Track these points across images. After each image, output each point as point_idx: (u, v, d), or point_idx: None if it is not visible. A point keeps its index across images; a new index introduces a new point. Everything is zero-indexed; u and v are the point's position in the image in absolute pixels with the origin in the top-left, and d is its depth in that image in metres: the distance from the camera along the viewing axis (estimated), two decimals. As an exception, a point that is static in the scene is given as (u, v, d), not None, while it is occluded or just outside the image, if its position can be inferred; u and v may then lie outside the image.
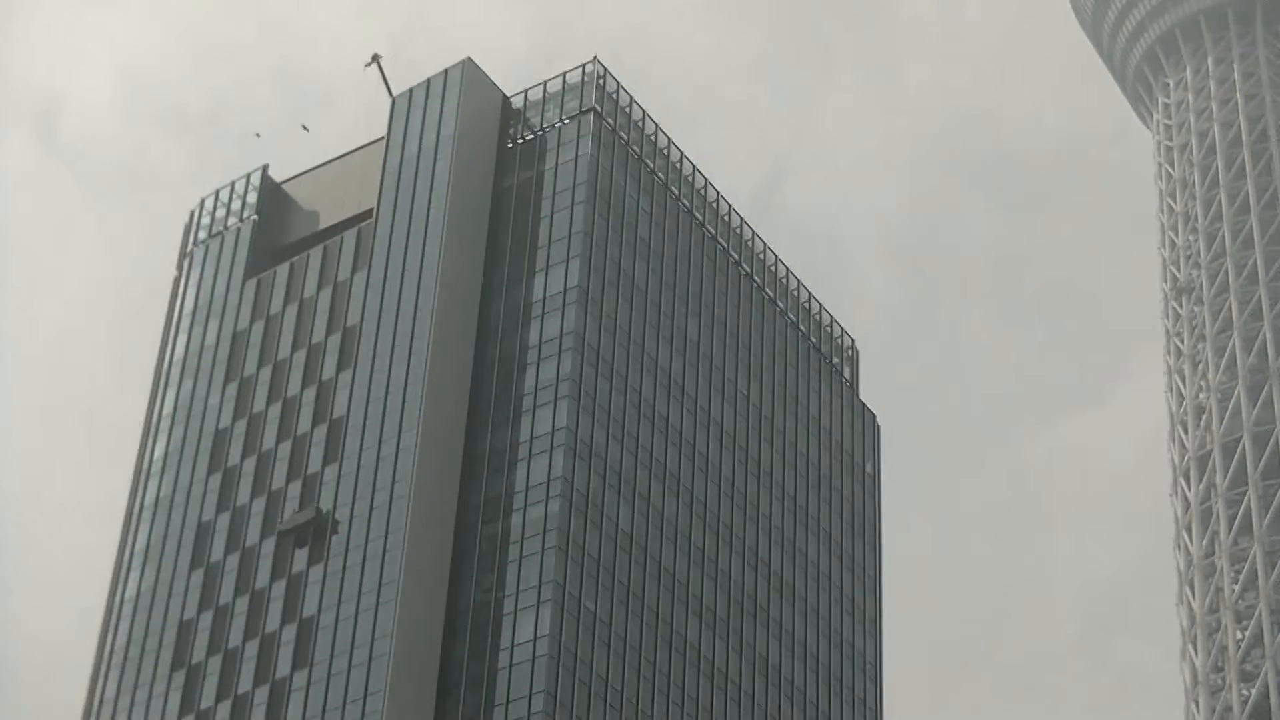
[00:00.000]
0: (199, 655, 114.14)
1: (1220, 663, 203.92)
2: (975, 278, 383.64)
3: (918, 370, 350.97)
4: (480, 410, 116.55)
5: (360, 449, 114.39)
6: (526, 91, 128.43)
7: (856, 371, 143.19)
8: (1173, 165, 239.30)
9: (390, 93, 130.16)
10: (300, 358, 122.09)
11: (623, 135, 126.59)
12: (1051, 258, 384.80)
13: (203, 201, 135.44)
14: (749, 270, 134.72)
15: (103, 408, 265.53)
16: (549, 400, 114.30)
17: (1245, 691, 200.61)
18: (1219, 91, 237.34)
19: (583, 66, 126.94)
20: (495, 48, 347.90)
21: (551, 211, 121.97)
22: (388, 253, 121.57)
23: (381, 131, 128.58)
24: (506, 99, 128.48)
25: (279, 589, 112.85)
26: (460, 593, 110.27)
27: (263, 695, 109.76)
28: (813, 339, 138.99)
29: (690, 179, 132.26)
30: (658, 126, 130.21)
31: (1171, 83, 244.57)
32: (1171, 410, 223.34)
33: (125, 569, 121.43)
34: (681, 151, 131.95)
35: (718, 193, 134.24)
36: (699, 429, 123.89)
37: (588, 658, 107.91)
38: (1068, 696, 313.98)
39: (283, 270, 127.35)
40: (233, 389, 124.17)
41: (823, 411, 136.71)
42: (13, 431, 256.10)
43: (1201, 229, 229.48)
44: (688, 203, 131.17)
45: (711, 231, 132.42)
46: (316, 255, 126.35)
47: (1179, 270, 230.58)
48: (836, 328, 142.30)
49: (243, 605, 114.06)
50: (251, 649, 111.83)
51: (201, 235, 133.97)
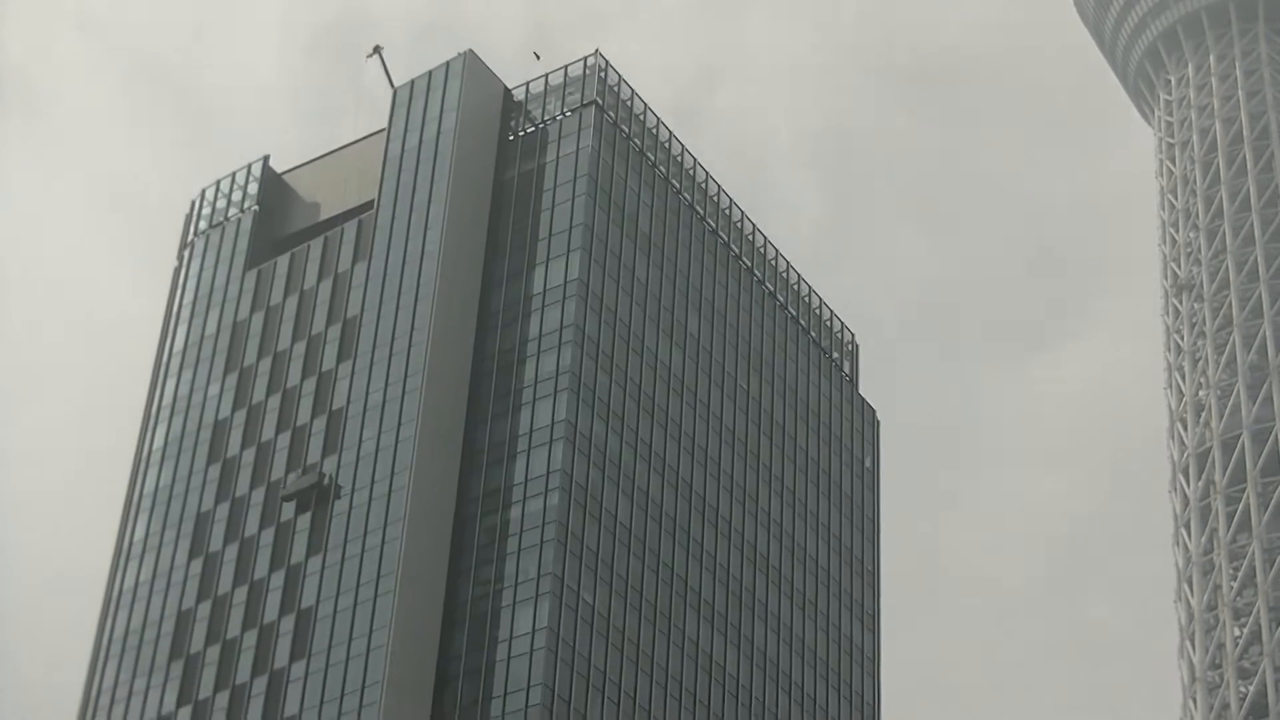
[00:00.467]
0: (197, 645, 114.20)
1: (1218, 660, 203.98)
2: (904, 188, 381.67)
3: (846, 285, 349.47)
4: (480, 402, 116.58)
5: (360, 440, 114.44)
6: (528, 84, 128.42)
7: (856, 366, 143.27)
8: (1174, 162, 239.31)
9: (391, 84, 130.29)
10: (300, 349, 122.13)
11: (624, 128, 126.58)
12: (983, 162, 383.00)
13: (203, 192, 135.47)
14: (749, 264, 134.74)
15: (102, 397, 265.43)
16: (549, 393, 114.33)
17: (1243, 689, 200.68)
18: (1221, 88, 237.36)
19: (584, 59, 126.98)
20: (497, 40, 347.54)
21: (552, 204, 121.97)
22: (388, 244, 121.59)
23: (382, 123, 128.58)
24: (508, 91, 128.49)
25: (278, 579, 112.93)
26: (459, 585, 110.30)
27: (261, 685, 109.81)
28: (812, 333, 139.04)
29: (691, 172, 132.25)
30: (659, 120, 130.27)
31: (1173, 79, 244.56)
32: (1171, 407, 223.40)
33: (124, 558, 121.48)
34: (683, 145, 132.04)
35: (719, 186, 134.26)
36: (698, 422, 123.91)
37: (586, 651, 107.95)
38: (1067, 696, 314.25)
39: (283, 261, 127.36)
40: (232, 379, 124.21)
41: (822, 406, 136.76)
42: (12, 421, 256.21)
43: (1202, 226, 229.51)
44: (688, 196, 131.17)
45: (712, 225, 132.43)
46: (317, 246, 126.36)
47: (1179, 267, 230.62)
48: (836, 322, 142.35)
49: (241, 595, 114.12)
50: (250, 639, 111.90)
51: (202, 226, 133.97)
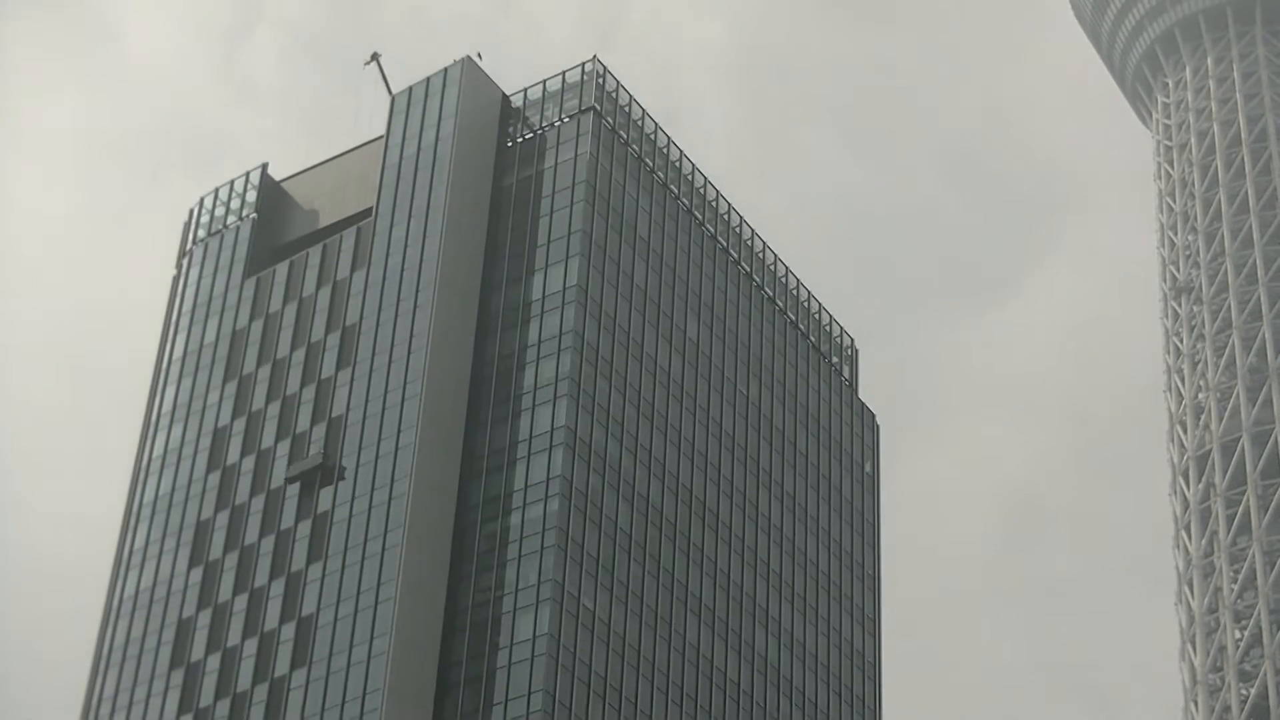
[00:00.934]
0: (198, 653, 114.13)
1: (1219, 662, 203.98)
2: (831, 102, 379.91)
3: (780, 198, 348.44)
4: (479, 409, 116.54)
5: (359, 447, 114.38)
6: (526, 90, 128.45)
7: (855, 371, 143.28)
8: (1172, 165, 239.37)
9: (390, 91, 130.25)
10: (299, 356, 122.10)
11: (622, 134, 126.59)
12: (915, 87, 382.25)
13: (202, 200, 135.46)
14: (748, 269, 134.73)
15: (102, 405, 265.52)
16: (548, 399, 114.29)
17: (1244, 691, 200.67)
18: (1218, 91, 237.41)
19: (582, 65, 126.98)
20: (495, 46, 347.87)
21: (551, 210, 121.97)
22: (387, 251, 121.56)
23: (381, 130, 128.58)
24: (506, 97, 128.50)
25: (278, 587, 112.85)
26: (459, 591, 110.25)
27: (262, 693, 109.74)
28: (812, 338, 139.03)
29: (689, 178, 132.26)
30: (657, 125, 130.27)
31: (1171, 82, 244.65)
32: (1170, 409, 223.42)
33: (124, 567, 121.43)
34: (681, 150, 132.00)
35: (717, 191, 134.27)
36: (698, 428, 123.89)
37: (586, 656, 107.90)
38: (1067, 696, 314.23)
39: (282, 268, 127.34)
40: (232, 387, 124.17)
41: (821, 410, 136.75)
42: (12, 429, 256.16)
43: (1201, 229, 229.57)
44: (687, 201, 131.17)
45: (711, 230, 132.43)
46: (316, 253, 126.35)
47: (1178, 270, 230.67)
48: (836, 327, 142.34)
49: (242, 603, 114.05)
50: (250, 647, 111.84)
51: (201, 233, 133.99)
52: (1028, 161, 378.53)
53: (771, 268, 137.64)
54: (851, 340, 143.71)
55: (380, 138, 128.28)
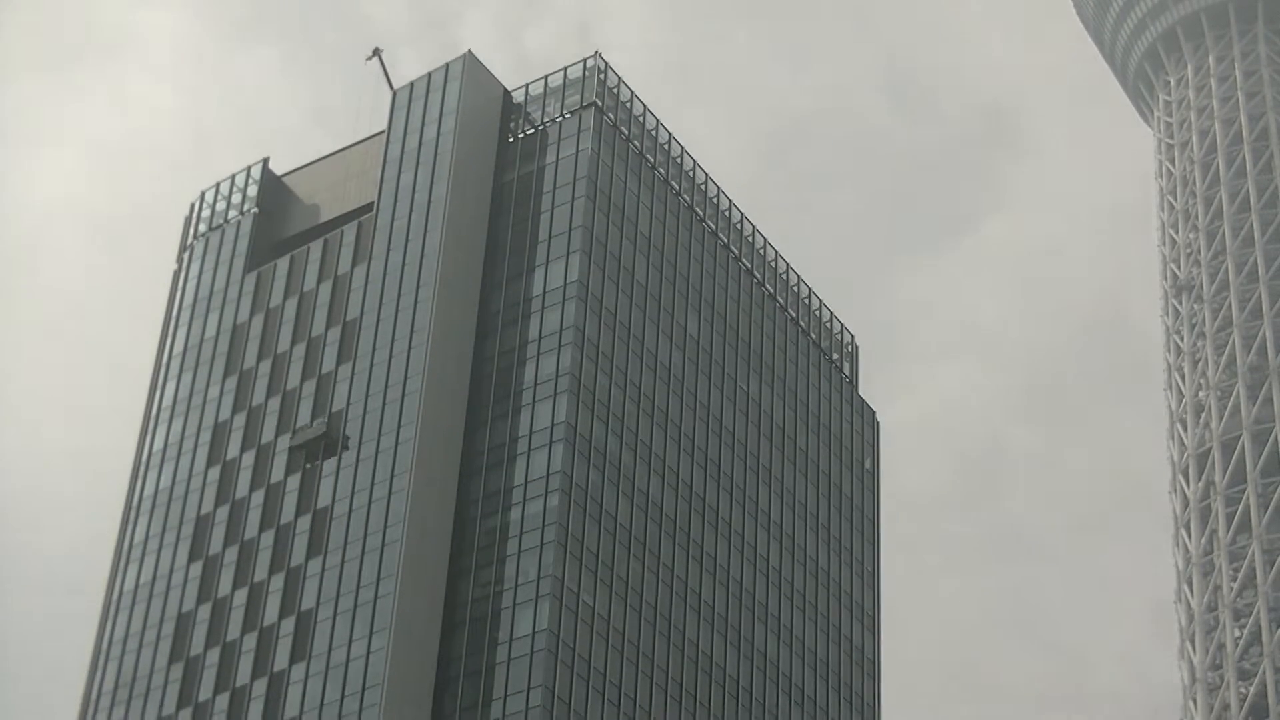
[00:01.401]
0: (197, 648, 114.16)
1: (1218, 660, 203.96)
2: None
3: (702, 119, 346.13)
4: (479, 404, 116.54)
5: (359, 442, 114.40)
6: (527, 86, 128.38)
7: (856, 368, 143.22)
8: (1173, 163, 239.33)
9: (391, 86, 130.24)
10: (300, 351, 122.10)
11: (623, 130, 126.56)
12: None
13: (203, 194, 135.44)
14: (749, 266, 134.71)
15: (102, 400, 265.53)
16: (548, 395, 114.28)
17: (1243, 689, 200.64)
18: (1220, 89, 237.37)
19: (583, 61, 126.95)
20: (496, 41, 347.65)
21: (551, 206, 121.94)
22: (388, 246, 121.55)
23: (382, 125, 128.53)
24: (507, 93, 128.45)
25: (277, 582, 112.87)
26: (459, 587, 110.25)
27: (261, 688, 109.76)
28: (812, 335, 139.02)
29: (690, 174, 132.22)
30: (658, 121, 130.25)
31: (1173, 80, 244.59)
32: (1171, 407, 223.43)
33: (124, 561, 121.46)
34: (682, 146, 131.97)
35: (718, 188, 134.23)
36: (698, 424, 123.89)
37: (586, 652, 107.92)
38: (1066, 694, 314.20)
39: (283, 263, 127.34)
40: (232, 382, 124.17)
41: (822, 407, 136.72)
42: (12, 424, 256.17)
43: (1202, 227, 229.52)
44: (688, 198, 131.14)
45: (712, 227, 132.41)
46: (316, 249, 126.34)
47: (1179, 268, 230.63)
48: (836, 324, 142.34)
49: (241, 598, 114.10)
50: (250, 641, 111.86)
51: (202, 228, 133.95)
52: (981, 99, 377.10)
53: (773, 264, 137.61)
54: (852, 337, 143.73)
55: (381, 133, 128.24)
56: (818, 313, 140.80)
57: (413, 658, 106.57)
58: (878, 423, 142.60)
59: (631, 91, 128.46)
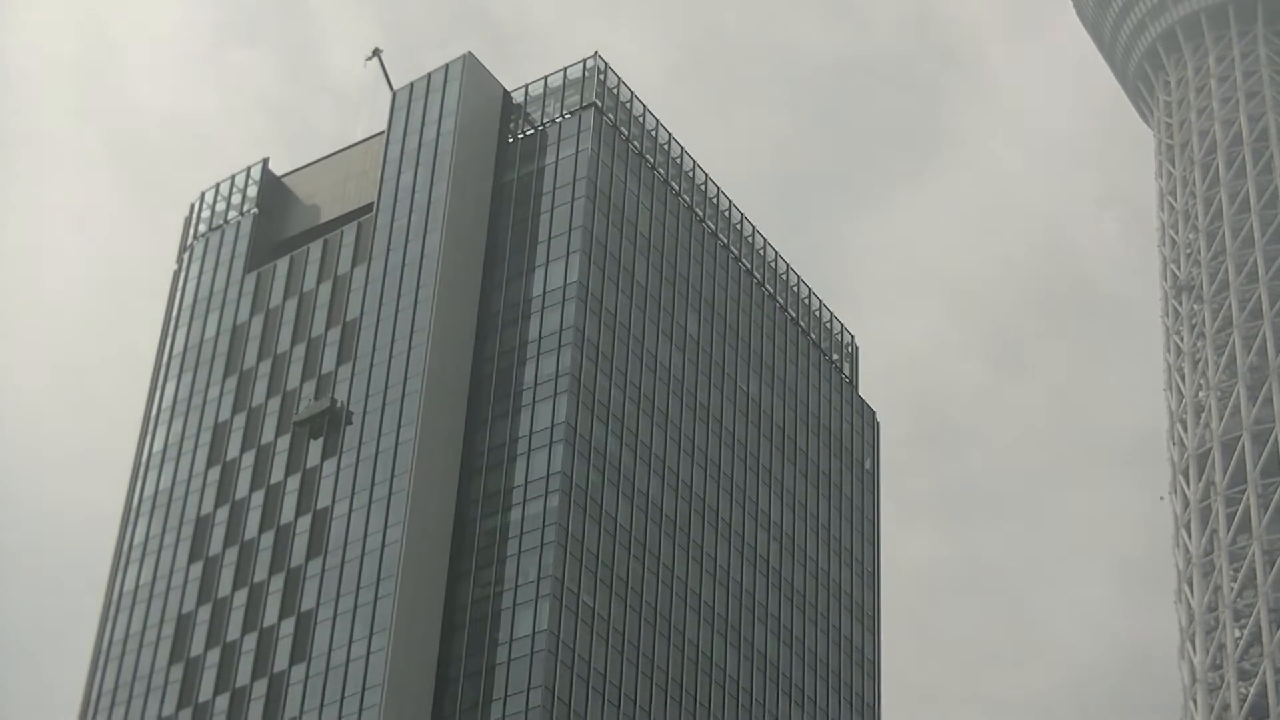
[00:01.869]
0: (197, 648, 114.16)
1: (1219, 661, 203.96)
2: None
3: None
4: (479, 405, 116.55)
5: (359, 443, 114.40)
6: (527, 86, 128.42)
7: (856, 368, 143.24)
8: (1173, 163, 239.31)
9: (391, 87, 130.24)
10: (300, 351, 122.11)
11: (623, 130, 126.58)
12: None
13: (203, 195, 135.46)
14: (749, 266, 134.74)
15: (102, 400, 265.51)
16: (548, 395, 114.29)
17: (1243, 690, 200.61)
18: (1220, 90, 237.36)
19: (583, 61, 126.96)
20: (496, 41, 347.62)
21: (551, 206, 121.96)
22: (388, 247, 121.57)
23: (382, 125, 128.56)
24: (507, 93, 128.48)
25: (277, 582, 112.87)
26: (459, 587, 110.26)
27: (261, 688, 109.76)
28: (812, 335, 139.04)
29: (690, 174, 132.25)
30: (658, 121, 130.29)
31: (1172, 80, 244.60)
32: (1171, 408, 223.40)
33: (124, 561, 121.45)
34: (682, 147, 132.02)
35: (718, 188, 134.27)
36: (698, 424, 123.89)
37: (586, 653, 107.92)
38: (1065, 694, 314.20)
39: (283, 264, 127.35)
40: (232, 382, 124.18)
41: (822, 408, 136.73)
42: (12, 424, 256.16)
43: (1202, 227, 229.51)
44: (688, 198, 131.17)
45: (711, 227, 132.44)
46: (316, 249, 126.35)
47: (1179, 268, 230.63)
48: (836, 324, 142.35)
49: (241, 598, 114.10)
50: (250, 642, 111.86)
51: (202, 228, 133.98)
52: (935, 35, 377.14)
53: (772, 264, 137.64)
54: (852, 338, 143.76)
55: (381, 133, 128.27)
56: (818, 313, 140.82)
57: (413, 658, 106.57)
58: (878, 423, 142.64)
59: (631, 92, 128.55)
